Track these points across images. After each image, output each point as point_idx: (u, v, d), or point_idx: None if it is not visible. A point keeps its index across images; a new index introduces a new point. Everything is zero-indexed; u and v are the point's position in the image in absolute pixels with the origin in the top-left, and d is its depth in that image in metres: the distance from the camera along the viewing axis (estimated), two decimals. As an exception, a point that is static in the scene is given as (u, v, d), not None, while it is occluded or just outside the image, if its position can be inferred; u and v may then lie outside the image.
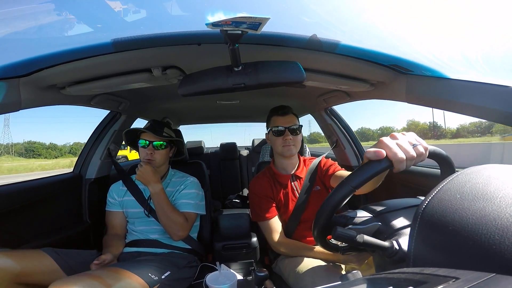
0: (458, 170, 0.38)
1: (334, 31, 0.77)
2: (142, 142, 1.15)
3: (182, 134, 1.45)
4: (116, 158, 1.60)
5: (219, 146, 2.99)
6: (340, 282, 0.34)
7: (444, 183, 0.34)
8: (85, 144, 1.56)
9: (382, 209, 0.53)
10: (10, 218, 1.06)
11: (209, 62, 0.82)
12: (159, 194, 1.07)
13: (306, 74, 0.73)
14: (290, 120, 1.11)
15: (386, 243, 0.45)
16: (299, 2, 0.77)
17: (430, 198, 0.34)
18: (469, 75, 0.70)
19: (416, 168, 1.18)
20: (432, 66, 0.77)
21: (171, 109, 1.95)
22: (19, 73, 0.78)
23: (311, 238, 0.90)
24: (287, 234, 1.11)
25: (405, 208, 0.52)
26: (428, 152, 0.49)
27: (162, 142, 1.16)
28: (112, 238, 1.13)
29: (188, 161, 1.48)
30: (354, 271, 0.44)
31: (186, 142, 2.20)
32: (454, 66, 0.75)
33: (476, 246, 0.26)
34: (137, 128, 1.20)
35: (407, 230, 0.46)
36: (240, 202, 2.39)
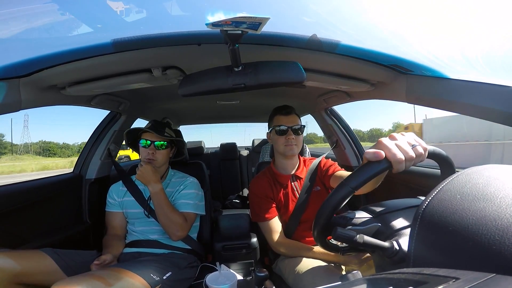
0: (458, 170, 0.38)
1: (334, 31, 0.77)
2: (143, 142, 1.15)
3: (182, 134, 1.45)
4: (118, 158, 1.60)
5: (219, 146, 2.98)
6: (340, 283, 0.34)
7: (444, 184, 0.34)
8: (85, 144, 1.56)
9: (382, 209, 0.53)
10: (10, 218, 1.06)
11: (209, 62, 0.82)
12: (159, 194, 1.07)
13: (306, 74, 0.73)
14: (293, 120, 1.12)
15: (386, 244, 0.45)
16: (299, 2, 0.77)
17: (430, 198, 0.34)
18: (469, 75, 0.70)
19: (416, 168, 1.18)
20: (432, 66, 0.77)
21: (171, 109, 1.95)
22: (19, 73, 0.78)
23: (311, 239, 0.90)
24: (287, 234, 1.11)
25: (405, 208, 0.52)
26: (427, 152, 0.49)
27: (163, 142, 1.16)
28: (112, 239, 1.13)
29: (188, 161, 1.48)
30: (354, 272, 0.44)
31: (186, 142, 2.20)
32: (454, 66, 0.75)
33: (476, 246, 0.26)
34: (139, 128, 1.20)
35: (407, 231, 0.46)
36: (240, 202, 2.38)
